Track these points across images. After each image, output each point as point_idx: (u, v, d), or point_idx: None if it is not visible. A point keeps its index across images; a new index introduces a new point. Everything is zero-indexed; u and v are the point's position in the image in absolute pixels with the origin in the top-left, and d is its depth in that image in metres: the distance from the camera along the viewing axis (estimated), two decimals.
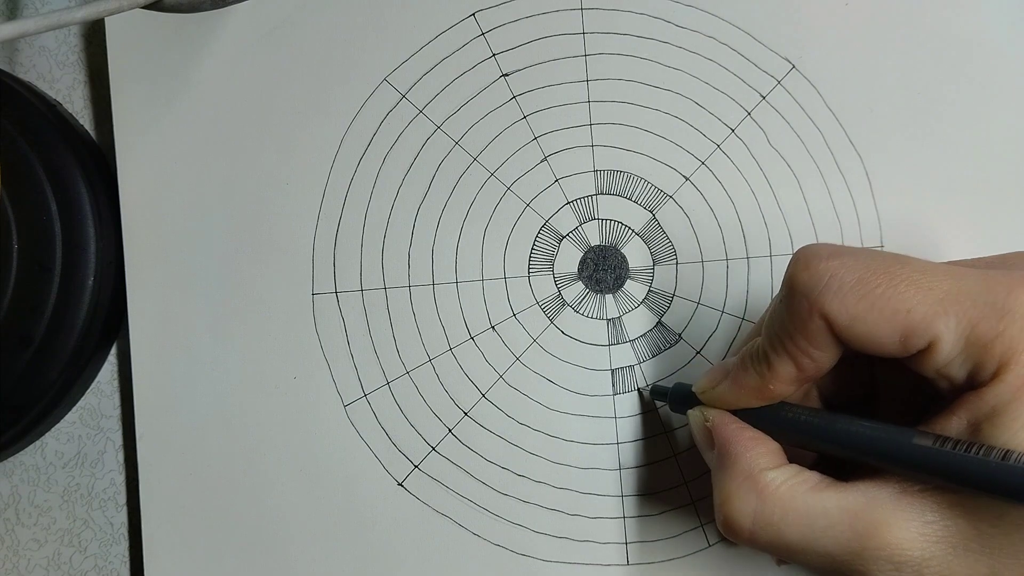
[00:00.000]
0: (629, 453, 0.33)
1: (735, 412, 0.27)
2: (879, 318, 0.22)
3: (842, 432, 0.24)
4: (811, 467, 0.25)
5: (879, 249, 0.33)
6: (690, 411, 0.28)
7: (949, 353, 0.22)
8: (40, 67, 0.37)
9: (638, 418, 0.33)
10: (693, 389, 0.28)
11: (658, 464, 0.33)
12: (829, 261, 0.23)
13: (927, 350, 0.22)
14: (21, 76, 0.36)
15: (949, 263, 0.26)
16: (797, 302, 0.23)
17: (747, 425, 0.26)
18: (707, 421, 0.27)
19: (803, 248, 0.24)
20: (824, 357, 0.24)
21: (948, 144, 0.33)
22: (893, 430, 0.23)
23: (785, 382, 0.25)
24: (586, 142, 0.34)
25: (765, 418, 0.26)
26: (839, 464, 0.26)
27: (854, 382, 0.27)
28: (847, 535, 0.23)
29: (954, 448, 0.22)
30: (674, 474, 0.33)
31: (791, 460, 0.25)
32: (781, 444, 0.26)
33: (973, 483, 0.21)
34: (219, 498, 0.34)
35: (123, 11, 0.27)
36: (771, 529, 0.24)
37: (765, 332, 0.25)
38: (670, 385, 0.31)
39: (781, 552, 0.24)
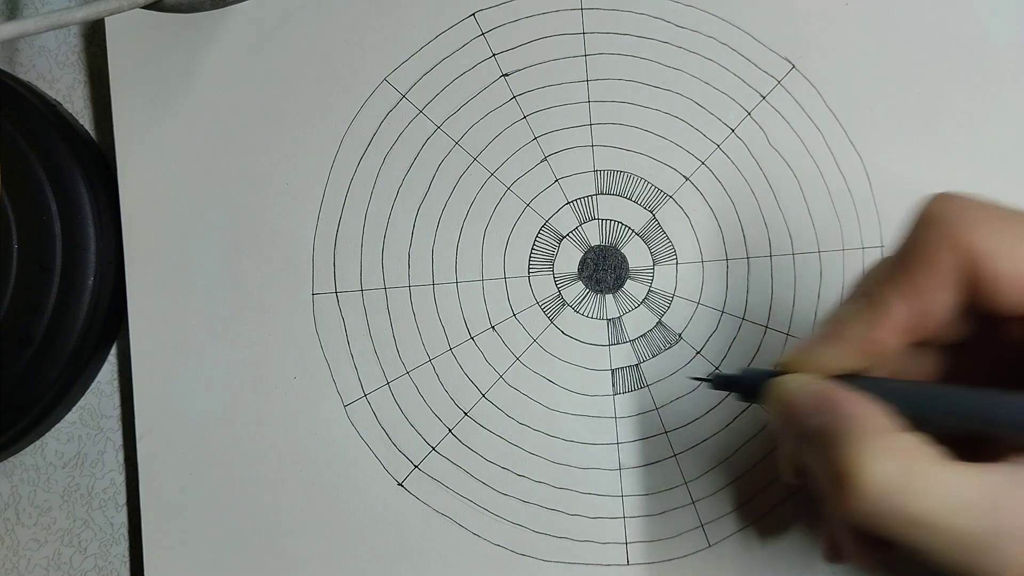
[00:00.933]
0: (629, 453, 0.33)
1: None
2: None
3: (988, 404, 0.22)
4: None
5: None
6: (783, 378, 0.24)
7: None
8: (40, 67, 0.37)
9: (638, 418, 0.33)
10: (779, 361, 0.25)
11: (658, 464, 0.33)
12: (973, 199, 0.21)
13: None
14: (21, 76, 0.36)
15: None
16: (931, 230, 0.21)
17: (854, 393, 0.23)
18: (810, 385, 0.23)
19: (941, 193, 0.22)
20: (943, 303, 0.22)
21: (948, 144, 0.33)
22: None
23: (895, 330, 0.22)
24: (586, 142, 0.34)
25: (874, 391, 0.23)
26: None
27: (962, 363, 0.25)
28: (987, 513, 0.20)
29: None
30: (674, 474, 0.33)
31: None
32: None
33: None
34: (219, 498, 0.34)
35: (123, 11, 0.27)
36: (903, 497, 0.21)
37: (872, 276, 0.23)
38: (738, 372, 0.27)
39: (897, 527, 0.21)
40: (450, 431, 0.33)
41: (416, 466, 0.33)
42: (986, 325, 0.23)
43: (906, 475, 0.21)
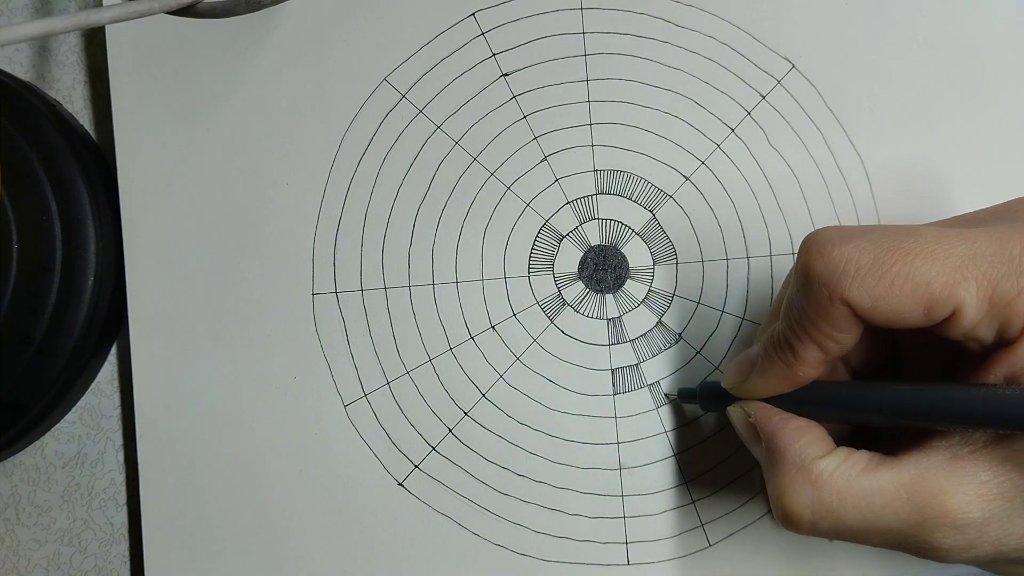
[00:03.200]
0: (629, 453, 0.33)
1: (772, 399, 0.26)
2: (900, 295, 0.22)
3: (891, 399, 0.24)
4: (846, 437, 0.25)
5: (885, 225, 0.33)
6: (730, 408, 0.28)
7: (974, 317, 0.22)
8: (40, 67, 0.37)
9: (638, 418, 0.33)
10: (723, 385, 0.28)
11: (658, 464, 0.33)
12: (842, 246, 0.23)
13: (952, 317, 0.22)
14: (21, 76, 0.36)
15: (956, 218, 0.26)
16: (816, 291, 0.23)
17: (790, 415, 0.26)
18: (749, 417, 0.27)
19: (813, 234, 0.24)
20: (848, 338, 0.24)
21: (948, 144, 0.33)
22: (944, 387, 0.23)
23: (812, 366, 0.25)
24: (586, 142, 0.34)
25: (802, 401, 0.26)
26: (874, 433, 0.25)
27: (878, 349, 0.27)
28: (907, 509, 0.23)
29: (1012, 392, 0.22)
30: (674, 474, 0.33)
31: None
32: (823, 424, 0.26)
33: None
34: (219, 498, 0.34)
35: (154, 14, 0.27)
36: (831, 517, 0.24)
37: (784, 320, 0.25)
38: (694, 385, 0.31)
39: (844, 536, 0.24)
40: (450, 431, 0.33)
41: (416, 466, 0.33)
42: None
43: (826, 499, 0.24)
